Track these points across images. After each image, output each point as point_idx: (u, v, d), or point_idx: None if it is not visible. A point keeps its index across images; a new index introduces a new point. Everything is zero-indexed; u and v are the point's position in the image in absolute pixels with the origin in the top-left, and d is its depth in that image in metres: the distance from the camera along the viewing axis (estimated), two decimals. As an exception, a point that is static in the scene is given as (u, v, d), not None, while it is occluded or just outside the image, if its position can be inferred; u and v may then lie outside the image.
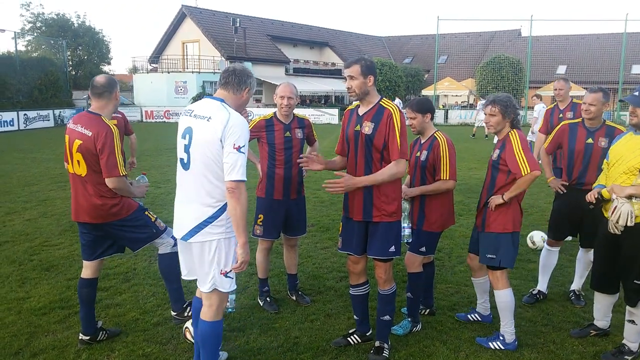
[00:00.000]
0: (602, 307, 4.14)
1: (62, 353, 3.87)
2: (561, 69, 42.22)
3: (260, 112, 21.47)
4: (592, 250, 4.45)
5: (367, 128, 3.62)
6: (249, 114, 4.22)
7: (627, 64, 36.14)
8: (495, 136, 4.17)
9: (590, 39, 43.81)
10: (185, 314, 4.28)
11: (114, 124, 3.80)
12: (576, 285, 5.00)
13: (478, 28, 50.32)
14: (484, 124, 4.96)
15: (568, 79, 6.46)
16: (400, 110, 3.61)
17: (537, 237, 5.29)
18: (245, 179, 3.04)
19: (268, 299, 4.76)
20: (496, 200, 3.96)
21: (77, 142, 3.73)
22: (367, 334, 4.05)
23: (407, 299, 4.31)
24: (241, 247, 3.08)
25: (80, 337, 4.00)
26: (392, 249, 3.69)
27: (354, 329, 4.11)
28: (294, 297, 4.89)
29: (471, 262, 4.45)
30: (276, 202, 4.58)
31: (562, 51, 43.72)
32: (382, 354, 3.79)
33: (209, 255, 3.17)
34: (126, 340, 4.09)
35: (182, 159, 3.23)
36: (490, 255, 4.00)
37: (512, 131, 3.99)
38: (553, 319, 4.55)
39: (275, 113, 4.59)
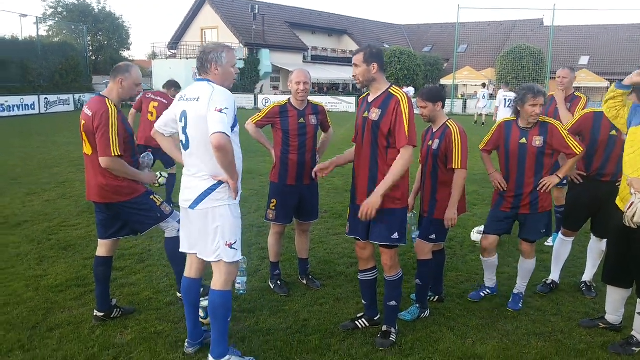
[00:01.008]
0: (614, 300, 4.11)
1: (77, 328, 3.99)
2: (583, 60, 41.48)
3: (278, 99, 21.48)
4: (605, 240, 4.47)
5: (375, 114, 3.66)
6: (267, 101, 4.20)
7: (651, 55, 35.46)
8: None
9: (613, 29, 42.92)
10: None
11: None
12: (588, 276, 4.98)
13: (499, 17, 49.62)
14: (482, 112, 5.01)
15: (574, 69, 6.23)
16: (408, 98, 3.63)
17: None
18: (228, 134, 3.12)
19: (279, 282, 4.83)
20: (554, 180, 4.34)
21: (83, 122, 3.89)
22: (375, 319, 4.10)
23: (416, 285, 4.34)
24: (233, 184, 3.30)
25: (95, 314, 4.11)
26: (396, 235, 3.71)
27: (362, 313, 4.17)
28: (304, 281, 4.96)
29: (488, 243, 4.57)
30: (289, 187, 4.62)
31: (584, 41, 42.94)
32: (389, 338, 3.85)
33: (214, 224, 3.34)
34: (139, 318, 4.19)
35: (182, 141, 3.44)
36: (542, 231, 4.50)
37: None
38: (562, 309, 4.55)
39: (289, 99, 4.63)
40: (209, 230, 3.38)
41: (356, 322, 4.11)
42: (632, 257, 3.76)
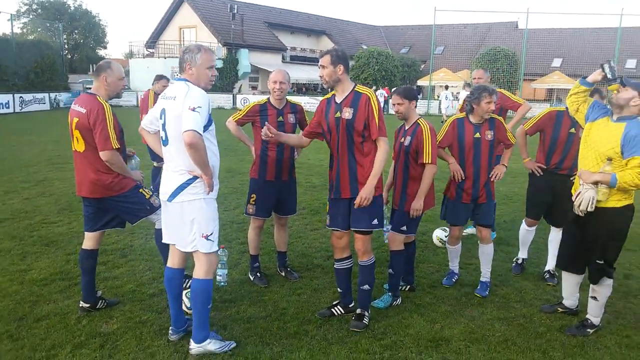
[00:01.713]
0: (568, 285, 4.43)
1: (63, 319, 4.14)
2: (556, 62, 42.49)
3: (257, 99, 21.58)
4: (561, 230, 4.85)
5: (347, 113, 3.92)
6: (246, 100, 4.45)
7: (621, 58, 36.44)
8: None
9: (586, 33, 44.06)
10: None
11: None
12: (550, 265, 5.33)
13: (475, 19, 50.49)
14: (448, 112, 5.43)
15: (488, 70, 6.55)
16: (374, 93, 3.95)
17: (442, 234, 5.95)
18: (200, 132, 3.30)
19: (258, 274, 5.03)
20: (502, 169, 4.84)
21: (75, 119, 4.03)
22: (350, 306, 4.34)
23: (389, 274, 4.60)
24: (207, 179, 3.47)
25: (80, 305, 4.27)
26: (375, 221, 4.01)
27: (337, 301, 4.40)
28: (283, 273, 5.17)
29: (458, 232, 5.00)
30: (268, 182, 4.83)
31: (558, 44, 43.98)
32: (363, 321, 4.12)
33: (190, 216, 3.55)
34: (124, 309, 4.35)
35: (162, 137, 3.63)
36: (493, 216, 5.06)
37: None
38: (525, 296, 4.84)
39: (269, 98, 4.84)
40: (185, 222, 3.58)
41: (332, 310, 4.34)
42: (583, 244, 4.07)
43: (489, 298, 4.77)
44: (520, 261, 5.55)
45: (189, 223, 3.57)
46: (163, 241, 3.85)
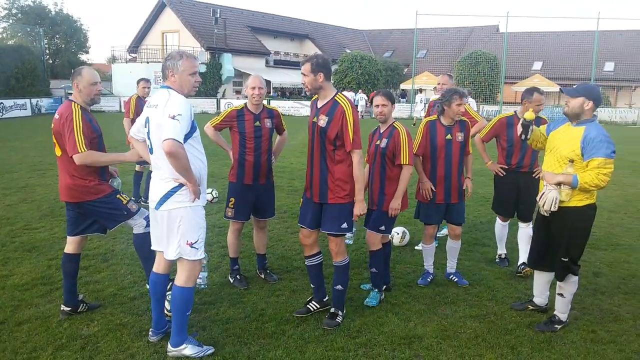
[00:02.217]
0: (539, 284, 4.60)
1: (45, 322, 4.20)
2: (537, 65, 43.14)
3: (241, 103, 21.62)
4: (530, 224, 5.39)
5: (322, 121, 4.06)
6: (229, 105, 4.58)
7: (599, 61, 37.17)
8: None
9: (566, 36, 44.79)
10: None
11: None
12: (522, 259, 5.60)
13: (457, 23, 51.19)
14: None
15: (453, 76, 6.76)
16: (352, 105, 4.05)
17: (402, 231, 6.30)
18: (179, 140, 3.32)
19: (238, 276, 5.13)
20: (470, 183, 5.16)
21: (52, 125, 4.17)
22: (324, 300, 4.49)
23: (371, 273, 4.76)
24: (191, 187, 3.52)
25: (62, 309, 4.33)
26: (344, 225, 4.15)
27: (311, 297, 4.54)
28: (262, 276, 5.27)
29: (433, 230, 5.24)
30: (246, 186, 4.94)
31: (538, 48, 44.65)
32: (336, 320, 4.26)
33: (176, 224, 3.60)
34: (104, 312, 4.43)
35: (148, 145, 3.70)
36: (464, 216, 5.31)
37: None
38: (497, 294, 5.00)
39: (246, 104, 4.95)
40: (171, 230, 3.63)
41: (308, 306, 4.47)
42: (549, 242, 4.24)
43: (462, 297, 4.92)
44: (503, 256, 5.90)
45: (174, 231, 3.61)
46: (152, 247, 3.89)
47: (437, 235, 6.19)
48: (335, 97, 4.08)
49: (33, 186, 9.57)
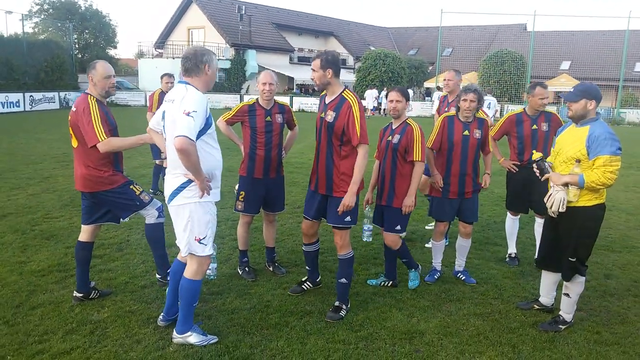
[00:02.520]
0: (546, 284, 4.58)
1: (57, 307, 4.35)
2: (565, 65, 42.35)
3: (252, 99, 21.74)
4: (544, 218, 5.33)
5: (330, 116, 4.16)
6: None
7: (629, 61, 36.34)
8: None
9: (595, 36, 43.85)
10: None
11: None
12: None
13: (484, 21, 50.46)
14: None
15: (460, 72, 6.60)
16: (359, 102, 4.14)
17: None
18: (191, 137, 3.34)
19: (247, 268, 5.22)
20: (488, 178, 5.28)
21: (70, 118, 4.30)
22: (317, 281, 4.86)
23: (404, 263, 5.08)
24: (199, 184, 3.56)
25: (74, 295, 4.48)
26: (348, 218, 4.26)
27: (306, 277, 4.87)
28: (270, 268, 5.36)
29: (444, 227, 5.30)
30: (256, 180, 5.02)
31: (566, 47, 43.81)
32: (339, 313, 4.33)
33: (184, 220, 3.66)
34: (115, 299, 4.56)
35: (166, 138, 3.75)
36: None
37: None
38: (504, 293, 4.99)
39: (257, 99, 5.03)
40: (181, 224, 3.71)
41: (302, 286, 4.79)
42: (557, 243, 4.22)
43: (468, 294, 4.93)
44: (513, 255, 5.89)
45: (183, 226, 3.68)
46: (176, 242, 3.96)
47: (426, 227, 6.20)
48: (343, 93, 4.17)
49: (56, 177, 9.84)
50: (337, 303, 4.43)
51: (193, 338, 3.82)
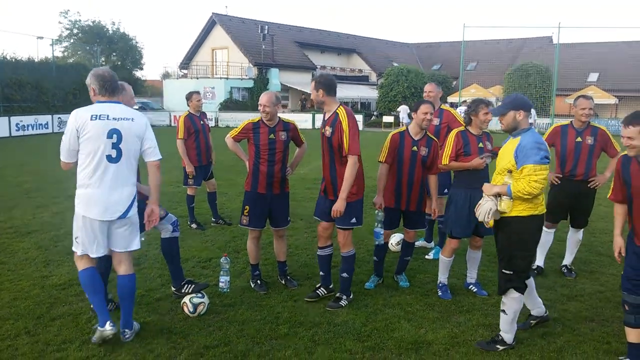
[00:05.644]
0: (526, 296, 4.25)
1: (75, 319, 4.53)
2: (592, 77, 41.74)
3: (287, 117, 21.96)
4: (581, 230, 5.64)
5: (328, 132, 4.60)
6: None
7: (657, 72, 35.67)
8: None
9: (622, 47, 43.14)
10: (184, 290, 4.87)
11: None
12: (567, 260, 5.79)
13: (508, 35, 50.03)
14: None
15: (440, 85, 6.68)
16: (349, 116, 4.51)
17: (400, 238, 6.13)
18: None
19: (259, 281, 5.33)
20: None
21: None
22: (330, 287, 5.07)
23: (405, 261, 5.53)
24: (153, 206, 4.19)
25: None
26: (353, 220, 4.74)
27: (320, 284, 5.09)
28: (283, 282, 5.46)
29: (456, 246, 5.22)
30: (260, 195, 5.15)
31: (594, 59, 43.15)
32: (339, 303, 4.84)
33: (137, 223, 4.21)
34: (131, 311, 4.70)
35: (109, 155, 4.08)
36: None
37: None
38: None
39: (262, 117, 5.16)
40: (135, 227, 4.23)
41: (317, 292, 5.02)
42: (497, 250, 4.18)
43: (478, 306, 4.94)
44: (534, 267, 5.69)
45: (136, 229, 4.26)
46: (95, 255, 4.42)
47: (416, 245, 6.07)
48: (337, 110, 4.59)
49: (81, 195, 10.12)
50: (338, 294, 4.89)
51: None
